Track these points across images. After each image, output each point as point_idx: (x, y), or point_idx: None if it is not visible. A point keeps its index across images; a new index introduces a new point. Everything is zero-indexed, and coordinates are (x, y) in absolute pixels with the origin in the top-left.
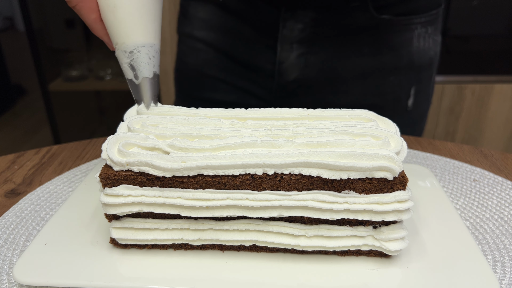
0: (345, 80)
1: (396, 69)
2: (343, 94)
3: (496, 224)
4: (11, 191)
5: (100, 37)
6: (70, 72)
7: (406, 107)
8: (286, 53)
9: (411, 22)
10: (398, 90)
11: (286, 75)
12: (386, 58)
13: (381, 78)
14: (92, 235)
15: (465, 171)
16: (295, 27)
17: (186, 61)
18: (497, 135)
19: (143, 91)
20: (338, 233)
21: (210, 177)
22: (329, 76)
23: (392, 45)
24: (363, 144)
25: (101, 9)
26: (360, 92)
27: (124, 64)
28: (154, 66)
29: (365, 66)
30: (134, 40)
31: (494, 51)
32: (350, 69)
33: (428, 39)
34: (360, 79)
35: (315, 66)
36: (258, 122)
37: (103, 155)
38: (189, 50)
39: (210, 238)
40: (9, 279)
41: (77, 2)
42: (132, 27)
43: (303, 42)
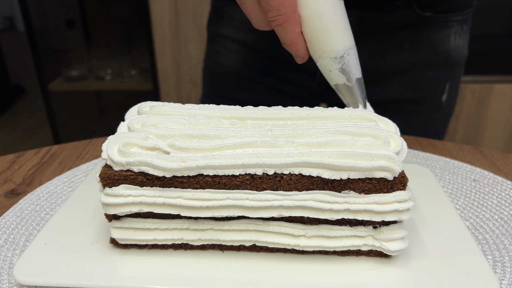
0: (385, 76)
1: (435, 65)
2: (382, 90)
3: (496, 224)
4: (11, 191)
5: (298, 51)
6: (70, 72)
7: (441, 102)
8: None
9: (449, 19)
10: (435, 85)
11: None
12: (426, 53)
13: (420, 73)
14: (92, 235)
15: (465, 171)
16: None
17: (221, 61)
18: (497, 135)
19: (356, 92)
20: (338, 233)
21: (210, 177)
22: (370, 72)
23: (431, 41)
24: (363, 144)
25: (306, 21)
26: (399, 87)
27: (333, 70)
28: (360, 66)
29: (405, 62)
30: (344, 44)
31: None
32: (390, 65)
33: (463, 36)
34: (400, 74)
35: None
36: (258, 122)
37: (103, 155)
38: (225, 52)
39: (210, 238)
40: (9, 279)
41: (286, 19)
42: (340, 31)
43: None
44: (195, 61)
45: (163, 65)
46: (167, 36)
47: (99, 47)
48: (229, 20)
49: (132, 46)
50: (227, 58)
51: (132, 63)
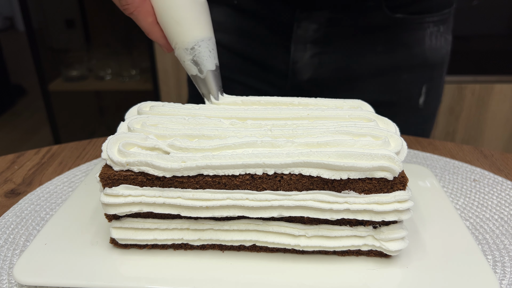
0: (359, 79)
1: (410, 67)
2: (357, 92)
3: (496, 224)
4: (11, 191)
5: (156, 40)
6: (70, 72)
7: (418, 105)
8: (300, 53)
9: (424, 20)
10: (411, 88)
11: (300, 75)
12: (400, 56)
13: (395, 76)
14: (92, 235)
15: (465, 171)
16: (310, 28)
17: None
18: (497, 135)
19: (209, 84)
20: (338, 233)
21: (210, 177)
22: (343, 75)
23: (405, 43)
24: (363, 144)
25: (157, 12)
26: (374, 90)
27: (186, 61)
28: (215, 58)
29: (379, 64)
30: (193, 36)
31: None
32: (364, 68)
33: (440, 38)
34: (374, 77)
35: (329, 65)
36: (258, 122)
37: (103, 155)
38: None
39: (210, 238)
40: (9, 279)
41: (135, 8)
42: (189, 23)
43: (317, 42)
44: None
45: (163, 65)
46: None
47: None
48: None
49: (132, 46)
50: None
51: (132, 63)
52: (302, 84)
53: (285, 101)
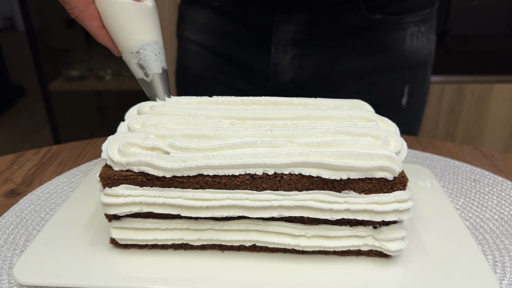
0: (340, 80)
1: (391, 68)
2: (338, 94)
3: (496, 224)
4: (11, 191)
5: (105, 44)
6: (70, 72)
7: (400, 106)
8: (281, 55)
9: (404, 21)
10: (392, 88)
11: (281, 77)
12: (381, 57)
13: (376, 77)
14: (92, 235)
15: (465, 171)
16: (289, 30)
17: (185, 64)
18: (497, 135)
19: (155, 87)
20: (338, 233)
21: (210, 177)
22: (324, 76)
23: (386, 44)
24: (363, 144)
25: (102, 16)
26: (355, 91)
27: (132, 65)
28: (161, 62)
29: (360, 66)
30: (138, 40)
31: (494, 51)
32: (345, 69)
33: (421, 38)
34: (355, 79)
35: (310, 67)
36: (258, 122)
37: (103, 155)
38: (188, 54)
39: (210, 238)
40: (9, 279)
41: (80, 12)
42: (133, 28)
43: (297, 44)
44: None
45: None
46: (167, 36)
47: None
48: (190, 23)
49: None
50: (190, 60)
51: None
52: (284, 86)
53: (285, 101)
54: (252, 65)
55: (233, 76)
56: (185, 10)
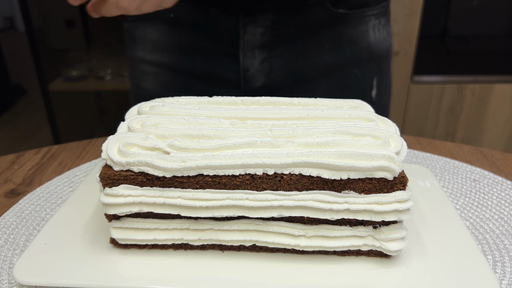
0: (311, 79)
1: (358, 62)
2: (310, 93)
3: (496, 224)
4: (11, 191)
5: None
6: (70, 72)
7: (371, 99)
8: (250, 60)
9: (365, 14)
10: (362, 82)
11: (252, 82)
12: (347, 51)
13: (345, 72)
14: (92, 235)
15: (465, 171)
16: (256, 31)
17: (141, 86)
18: (497, 135)
19: None
20: (338, 233)
21: (210, 177)
22: (294, 77)
23: (351, 38)
24: (363, 144)
25: None
26: (326, 88)
27: None
28: None
29: (329, 62)
30: None
31: (494, 51)
32: (314, 67)
33: (382, 30)
34: (325, 76)
35: (280, 69)
36: (258, 122)
37: (103, 155)
38: (143, 75)
39: (210, 238)
40: (9, 279)
41: None
42: None
43: (265, 46)
44: None
45: None
46: None
47: (99, 47)
48: (141, 42)
49: None
50: (147, 81)
51: None
52: (256, 91)
53: (285, 101)
54: (219, 75)
55: (197, 92)
56: (135, 28)
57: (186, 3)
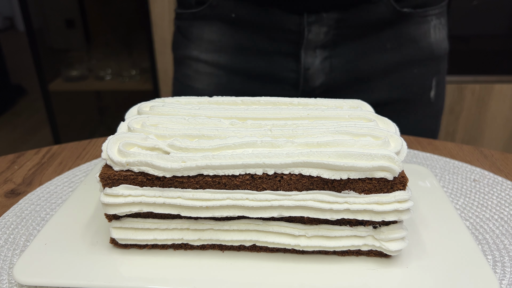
0: (370, 78)
1: (419, 61)
2: (368, 92)
3: (496, 224)
4: (11, 191)
5: None
6: (70, 72)
7: (430, 99)
8: (311, 59)
9: (427, 14)
10: (421, 82)
11: (311, 81)
12: (408, 51)
13: (405, 71)
14: (92, 235)
15: (465, 171)
16: (321, 31)
17: (193, 86)
18: (497, 135)
19: None
20: (338, 233)
21: (210, 177)
22: (354, 76)
23: (412, 38)
24: (363, 144)
25: None
26: (386, 87)
27: None
28: None
29: (389, 61)
30: None
31: (494, 51)
32: (374, 66)
33: (442, 30)
34: (385, 75)
35: (340, 68)
36: (258, 122)
37: (103, 155)
38: (197, 75)
39: (210, 238)
40: (9, 279)
41: None
42: None
43: (326, 45)
44: None
45: (163, 65)
46: (167, 36)
47: (99, 47)
48: (197, 41)
49: (132, 46)
50: (199, 81)
51: (132, 63)
52: (314, 90)
53: (285, 101)
54: (277, 75)
55: (251, 92)
56: (190, 26)
57: (248, 3)
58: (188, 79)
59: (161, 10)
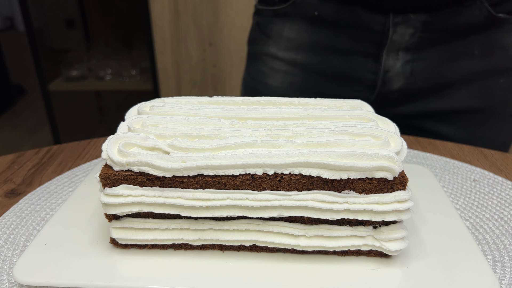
0: (451, 85)
1: (506, 71)
2: (447, 100)
3: (496, 224)
4: (11, 191)
5: None
6: (70, 72)
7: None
8: (392, 61)
9: None
10: (505, 93)
11: (390, 84)
12: (496, 59)
13: (490, 80)
14: (92, 235)
15: (465, 171)
16: (406, 32)
17: (266, 82)
18: None
19: None
20: (338, 233)
21: (210, 177)
22: (434, 82)
23: (503, 45)
24: (363, 144)
25: None
26: (467, 96)
27: None
28: None
29: (474, 69)
30: None
31: None
32: (458, 73)
33: None
34: (468, 83)
35: (421, 73)
36: (258, 122)
37: (103, 155)
38: (271, 72)
39: (210, 238)
40: (9, 279)
41: None
42: None
43: (410, 48)
44: (195, 61)
45: (163, 65)
46: (167, 36)
47: (99, 47)
48: (276, 38)
49: (132, 46)
50: (274, 78)
51: (132, 63)
52: (390, 94)
53: (285, 101)
54: (353, 76)
55: (324, 94)
56: (271, 23)
57: (333, 1)
58: (262, 76)
59: (161, 10)
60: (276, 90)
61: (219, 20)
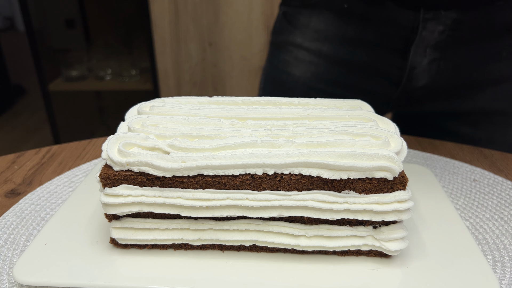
0: (476, 86)
1: None
2: (471, 100)
3: (496, 224)
4: (11, 191)
5: None
6: (70, 72)
7: None
8: (419, 57)
9: None
10: None
11: (415, 81)
12: None
13: None
14: (92, 235)
15: (465, 171)
16: (436, 29)
17: (289, 71)
18: None
19: None
20: (338, 233)
21: (210, 177)
22: (459, 82)
23: None
24: (363, 144)
25: None
26: (491, 97)
27: None
28: None
29: (502, 71)
30: None
31: None
32: (484, 74)
33: None
34: (492, 85)
35: (447, 72)
36: (258, 122)
37: (103, 155)
38: (296, 61)
39: (210, 238)
40: (9, 279)
41: None
42: None
43: (438, 46)
44: (195, 61)
45: (163, 65)
46: (167, 36)
47: (99, 47)
48: (302, 29)
49: (132, 46)
50: (297, 68)
51: (132, 63)
52: (414, 92)
53: (285, 101)
54: (378, 70)
55: (347, 86)
56: (297, 14)
57: None
58: (286, 65)
59: (161, 10)
60: (298, 80)
61: (219, 20)
